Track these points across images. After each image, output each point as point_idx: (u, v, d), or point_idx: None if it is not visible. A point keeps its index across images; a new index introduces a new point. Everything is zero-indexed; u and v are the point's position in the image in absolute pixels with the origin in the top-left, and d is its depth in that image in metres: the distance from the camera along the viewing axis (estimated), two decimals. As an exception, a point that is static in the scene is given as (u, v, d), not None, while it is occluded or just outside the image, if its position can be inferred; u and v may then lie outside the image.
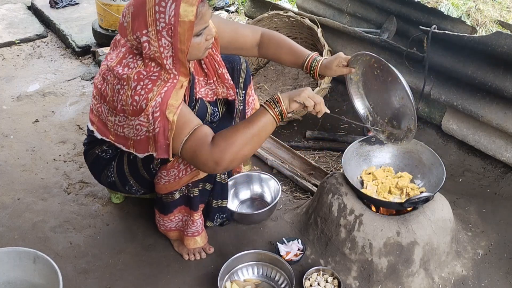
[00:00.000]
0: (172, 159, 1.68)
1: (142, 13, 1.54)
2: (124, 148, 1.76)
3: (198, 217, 1.99)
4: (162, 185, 1.88)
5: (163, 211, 1.99)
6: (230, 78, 1.94)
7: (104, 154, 1.96)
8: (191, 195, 1.91)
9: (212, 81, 1.90)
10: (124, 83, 1.62)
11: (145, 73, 1.60)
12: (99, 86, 1.75)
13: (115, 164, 1.95)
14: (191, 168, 1.83)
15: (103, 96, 1.74)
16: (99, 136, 1.81)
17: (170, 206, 1.96)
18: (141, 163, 1.87)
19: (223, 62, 1.92)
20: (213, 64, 1.89)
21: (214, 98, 1.94)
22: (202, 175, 1.86)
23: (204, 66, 1.87)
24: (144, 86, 1.59)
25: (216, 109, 1.97)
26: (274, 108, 1.66)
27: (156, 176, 1.89)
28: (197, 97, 1.87)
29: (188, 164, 1.81)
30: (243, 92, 2.14)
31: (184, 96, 1.69)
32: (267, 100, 1.69)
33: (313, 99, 1.70)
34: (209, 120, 1.93)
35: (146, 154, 1.70)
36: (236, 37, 2.01)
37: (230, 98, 1.97)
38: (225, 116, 2.04)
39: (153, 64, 1.61)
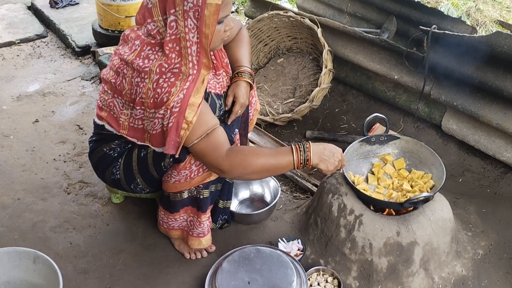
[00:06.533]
0: (178, 155, 1.68)
1: None
2: (138, 142, 1.76)
3: (205, 218, 1.98)
4: (172, 184, 1.87)
5: (169, 209, 1.98)
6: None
7: (112, 152, 1.94)
8: (201, 196, 1.91)
9: (220, 72, 1.90)
10: (145, 76, 1.62)
11: (166, 66, 1.60)
12: (113, 81, 1.74)
13: (121, 161, 1.93)
14: (204, 169, 1.83)
15: (117, 90, 1.73)
16: (110, 129, 1.81)
17: (177, 205, 1.95)
18: (152, 161, 1.84)
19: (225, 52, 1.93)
20: (220, 55, 1.89)
21: (222, 91, 1.92)
22: (214, 176, 1.87)
23: (213, 57, 1.86)
24: (166, 80, 1.60)
25: (222, 103, 1.95)
26: (300, 155, 1.74)
27: (166, 174, 1.88)
28: (208, 91, 1.85)
29: (201, 165, 1.82)
30: None
31: None
32: (297, 143, 1.76)
33: (341, 163, 1.84)
34: (217, 115, 1.90)
35: (161, 149, 1.70)
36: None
37: None
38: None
39: (173, 55, 1.60)
